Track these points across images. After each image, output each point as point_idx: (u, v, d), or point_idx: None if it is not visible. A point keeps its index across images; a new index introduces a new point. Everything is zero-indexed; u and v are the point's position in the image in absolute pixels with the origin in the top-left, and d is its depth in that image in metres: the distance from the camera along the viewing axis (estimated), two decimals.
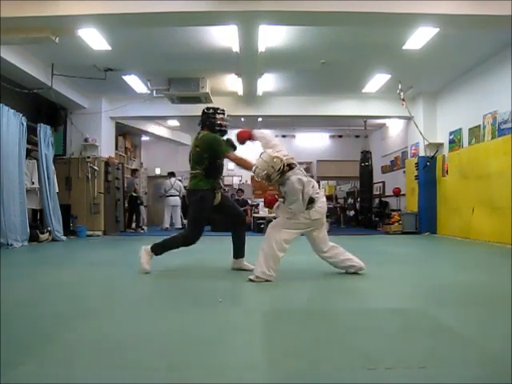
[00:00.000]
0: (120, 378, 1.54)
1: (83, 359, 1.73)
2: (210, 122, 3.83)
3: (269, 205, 3.86)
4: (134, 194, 10.40)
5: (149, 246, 3.74)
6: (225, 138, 3.89)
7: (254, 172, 3.39)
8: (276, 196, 3.89)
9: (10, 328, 2.10)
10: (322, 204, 3.47)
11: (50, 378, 1.54)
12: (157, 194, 11.42)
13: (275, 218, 3.66)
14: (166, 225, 10.65)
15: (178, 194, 10.74)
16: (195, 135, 3.89)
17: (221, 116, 3.87)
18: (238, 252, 3.93)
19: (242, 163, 3.72)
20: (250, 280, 3.32)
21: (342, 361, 1.71)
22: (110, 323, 2.28)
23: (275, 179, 3.35)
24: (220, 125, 3.85)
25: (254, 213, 10.14)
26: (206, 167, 3.69)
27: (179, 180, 11.01)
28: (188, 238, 3.77)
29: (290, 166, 3.39)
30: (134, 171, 11.29)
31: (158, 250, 3.77)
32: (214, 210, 3.90)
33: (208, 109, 3.94)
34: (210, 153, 3.67)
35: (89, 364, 1.68)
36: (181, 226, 10.72)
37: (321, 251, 3.57)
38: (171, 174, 11.01)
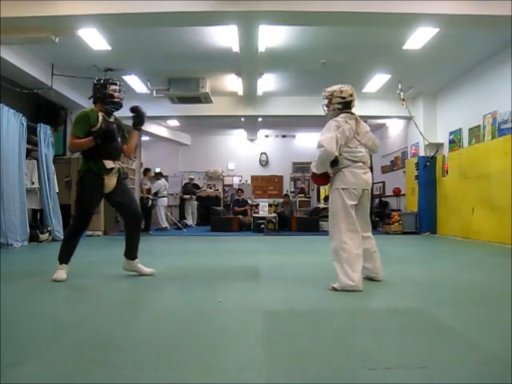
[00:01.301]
0: (120, 377, 1.54)
1: (83, 359, 1.73)
2: (101, 93, 3.42)
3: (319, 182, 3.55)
4: (140, 195, 10.00)
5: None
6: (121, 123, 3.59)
7: (324, 91, 3.26)
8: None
9: (10, 328, 2.10)
10: (349, 174, 3.07)
11: (49, 378, 1.54)
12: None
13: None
14: (165, 224, 10.65)
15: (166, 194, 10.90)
16: None
17: (113, 87, 3.46)
18: (130, 253, 3.62)
19: (81, 146, 3.36)
20: (334, 289, 3.00)
21: (342, 361, 1.71)
22: (110, 323, 2.28)
23: (334, 108, 3.19)
24: (112, 96, 3.44)
25: (254, 213, 10.14)
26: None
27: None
28: (73, 224, 3.49)
29: (351, 113, 3.19)
30: (145, 171, 10.66)
31: (61, 257, 3.47)
32: (109, 200, 3.59)
33: (98, 80, 3.52)
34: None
35: (89, 364, 1.68)
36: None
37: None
38: (160, 175, 10.98)
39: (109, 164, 3.40)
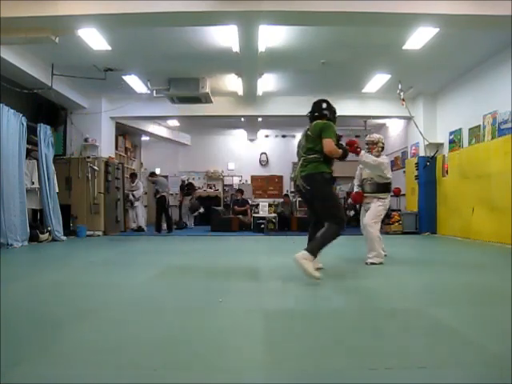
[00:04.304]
0: (120, 377, 1.54)
1: (83, 359, 1.73)
2: (333, 115, 3.85)
3: (355, 201, 5.04)
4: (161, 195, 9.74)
5: (305, 252, 3.25)
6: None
7: (368, 137, 4.77)
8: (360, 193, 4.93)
9: (10, 328, 2.10)
10: (389, 198, 4.89)
11: (49, 378, 1.54)
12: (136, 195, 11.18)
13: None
14: (143, 224, 10.66)
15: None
16: (309, 126, 3.74)
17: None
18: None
19: (337, 154, 3.63)
20: (371, 263, 4.23)
21: (342, 361, 1.71)
22: (110, 323, 2.28)
23: (378, 151, 4.65)
24: (335, 122, 3.82)
25: (254, 213, 10.14)
26: (322, 151, 3.50)
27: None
28: (340, 223, 3.53)
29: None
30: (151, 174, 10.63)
31: (315, 251, 3.34)
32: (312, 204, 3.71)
33: (329, 103, 3.88)
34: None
35: (89, 364, 1.68)
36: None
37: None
38: (136, 176, 10.98)
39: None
